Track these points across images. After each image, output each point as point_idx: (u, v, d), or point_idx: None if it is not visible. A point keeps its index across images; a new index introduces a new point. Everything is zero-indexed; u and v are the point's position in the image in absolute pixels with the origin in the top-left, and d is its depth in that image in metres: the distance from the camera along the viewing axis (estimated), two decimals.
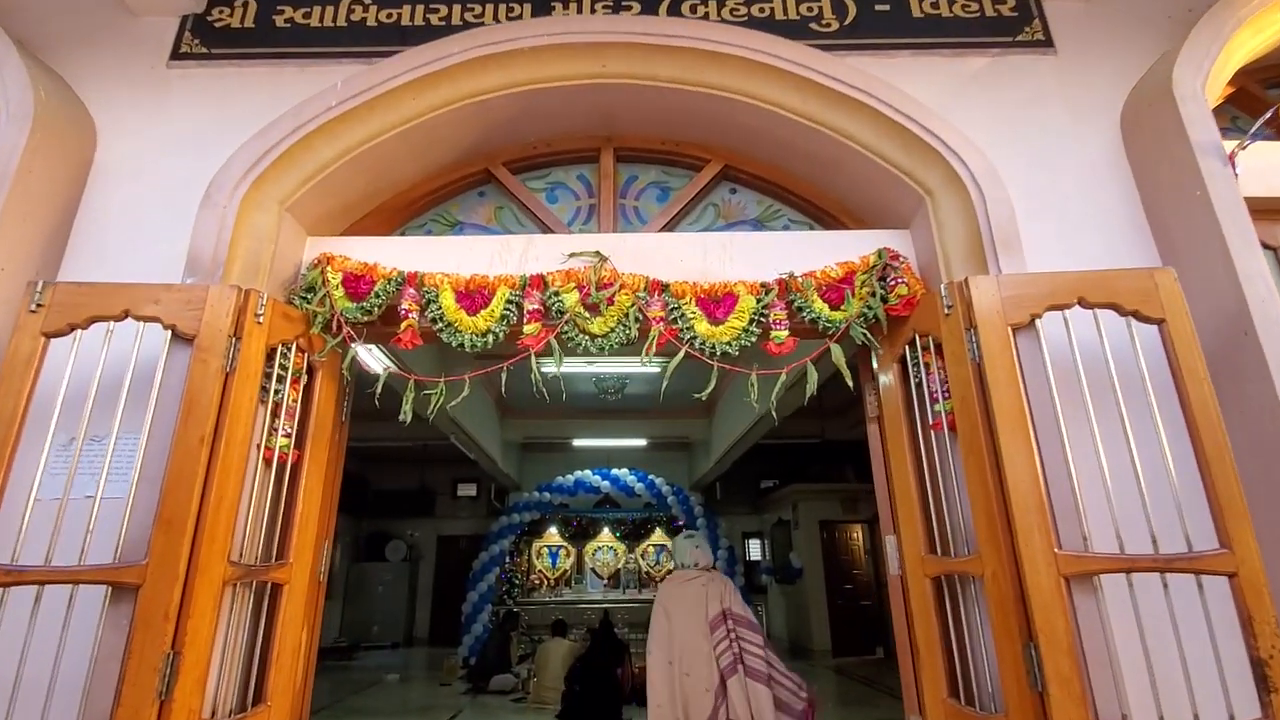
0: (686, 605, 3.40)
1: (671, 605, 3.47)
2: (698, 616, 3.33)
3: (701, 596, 3.40)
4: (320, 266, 2.47)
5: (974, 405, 2.07)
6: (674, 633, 3.37)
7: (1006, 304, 2.13)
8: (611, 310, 2.42)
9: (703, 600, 3.38)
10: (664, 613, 3.48)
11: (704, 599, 3.38)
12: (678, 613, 3.41)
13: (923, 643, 2.18)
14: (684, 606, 3.41)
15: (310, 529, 2.32)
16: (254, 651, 2.13)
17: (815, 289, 2.43)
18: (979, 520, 2.01)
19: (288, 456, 2.29)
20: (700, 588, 3.46)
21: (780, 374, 2.36)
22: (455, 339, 2.40)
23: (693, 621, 3.33)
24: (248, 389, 2.17)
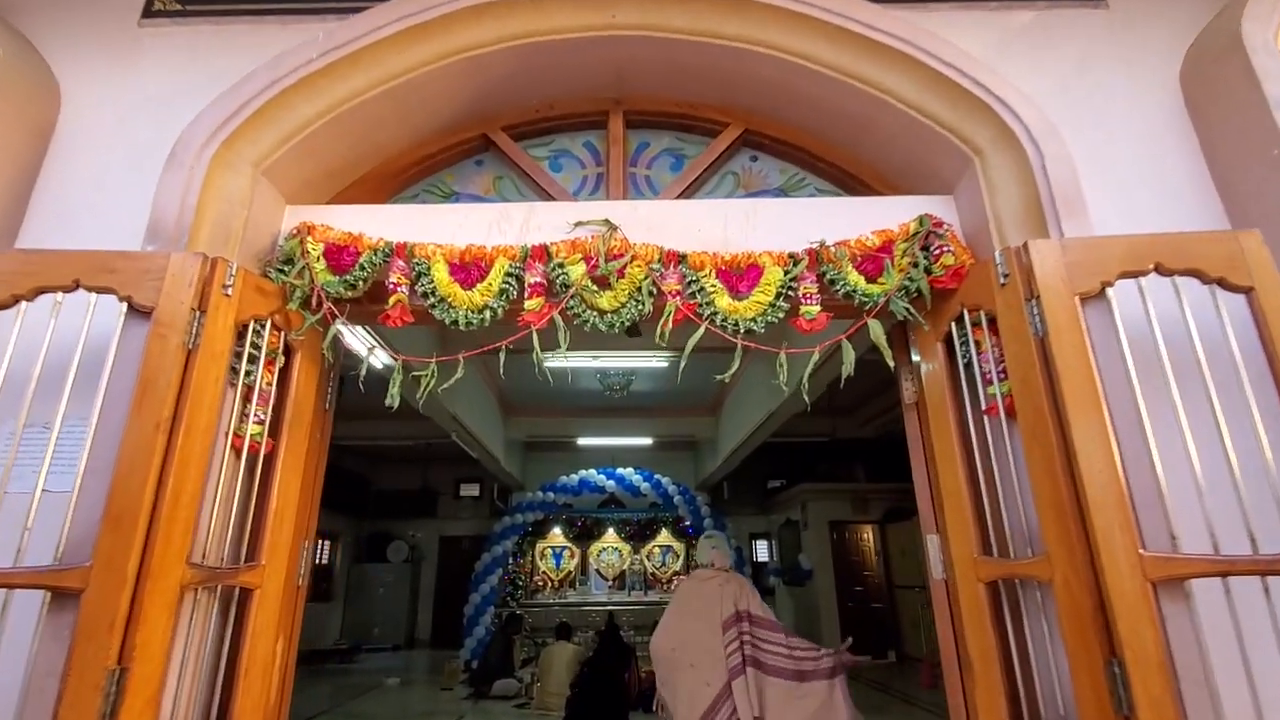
0: (701, 603, 3.42)
1: (686, 601, 3.53)
2: (711, 615, 3.32)
3: (717, 596, 3.39)
4: (299, 236, 2.23)
5: (1038, 386, 1.81)
6: (685, 626, 3.40)
7: (1073, 270, 1.87)
8: (622, 284, 2.17)
9: (717, 600, 3.37)
10: (677, 607, 3.55)
11: (719, 599, 3.37)
12: (691, 608, 3.44)
13: (977, 657, 1.92)
14: (698, 603, 3.43)
15: (286, 527, 2.07)
16: (218, 666, 1.88)
17: (849, 259, 2.18)
18: (1046, 517, 1.75)
19: (260, 446, 2.04)
20: (716, 588, 3.46)
21: (812, 353, 2.09)
22: (449, 316, 2.15)
23: (705, 620, 3.32)
24: (213, 369, 1.92)
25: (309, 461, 2.24)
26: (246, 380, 2.05)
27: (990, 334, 2.01)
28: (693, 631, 3.33)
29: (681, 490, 11.75)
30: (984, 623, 1.91)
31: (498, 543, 11.42)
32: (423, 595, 14.23)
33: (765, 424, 8.17)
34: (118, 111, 2.47)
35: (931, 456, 2.23)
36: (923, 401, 2.29)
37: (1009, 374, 1.92)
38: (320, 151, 2.38)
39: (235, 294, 2.01)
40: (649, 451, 13.54)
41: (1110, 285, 1.86)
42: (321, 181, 2.48)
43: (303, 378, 2.20)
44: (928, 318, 2.16)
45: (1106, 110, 2.42)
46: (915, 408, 2.39)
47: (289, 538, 2.08)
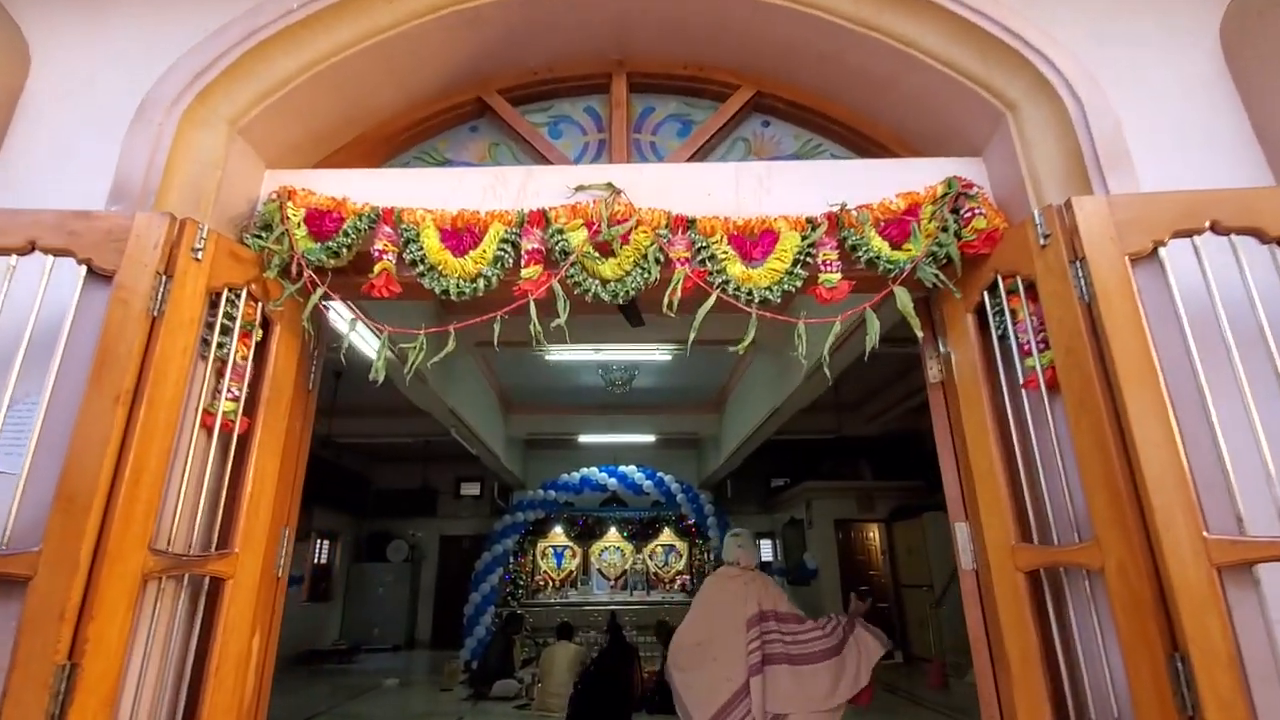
0: (726, 600, 3.47)
1: (712, 597, 3.58)
2: (736, 613, 3.37)
3: (741, 595, 3.42)
4: (279, 201, 2.07)
5: (1085, 354, 1.65)
6: (710, 622, 3.47)
7: (1122, 229, 1.71)
8: (626, 251, 2.00)
9: (742, 599, 3.40)
10: (703, 602, 3.61)
11: (743, 598, 3.40)
12: (717, 605, 3.50)
13: (1016, 654, 1.75)
14: (723, 599, 3.49)
15: (263, 513, 1.91)
16: (186, 664, 1.72)
17: (872, 224, 2.01)
18: (1096, 498, 1.59)
19: (234, 425, 1.88)
20: (741, 586, 3.49)
21: (834, 323, 1.93)
22: (439, 285, 1.99)
23: (730, 617, 3.37)
24: (181, 339, 1.76)
25: (289, 443, 2.08)
26: (219, 353, 1.89)
27: (1028, 301, 1.84)
28: (717, 628, 3.38)
29: (685, 488, 11.58)
30: (1024, 616, 1.74)
31: (498, 542, 11.26)
32: (423, 595, 14.08)
33: (770, 420, 7.99)
34: (88, 71, 2.30)
35: (961, 438, 2.06)
36: (950, 379, 2.12)
37: (1051, 344, 1.75)
38: (303, 111, 2.22)
39: (206, 259, 1.85)
40: (652, 449, 13.36)
41: (1163, 245, 1.69)
42: (305, 146, 2.32)
43: (282, 352, 2.04)
44: (958, 287, 1.99)
45: (1144, 66, 2.24)
46: (941, 387, 2.22)
47: (266, 524, 1.92)
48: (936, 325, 2.21)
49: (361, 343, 4.90)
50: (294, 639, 11.32)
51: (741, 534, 3.87)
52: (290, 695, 8.75)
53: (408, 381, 4.74)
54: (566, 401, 10.84)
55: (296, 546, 9.91)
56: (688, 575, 13.59)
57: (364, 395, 9.49)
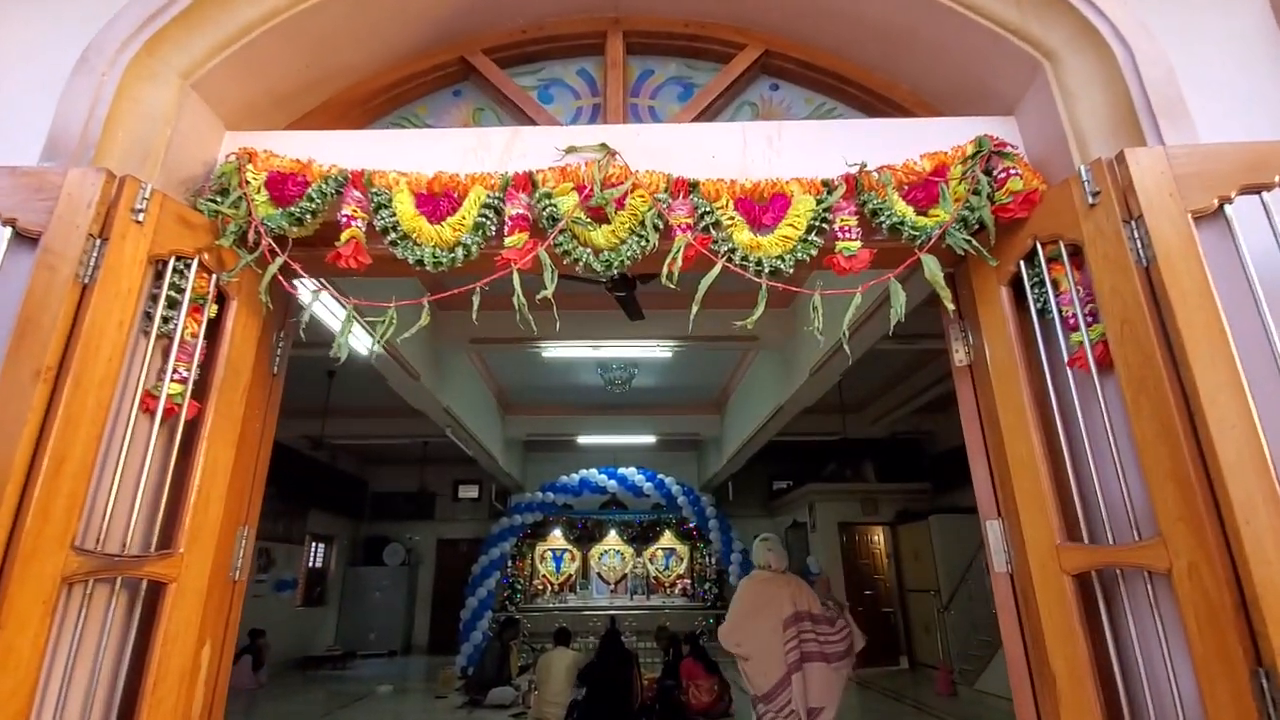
0: (763, 602, 3.69)
1: (749, 600, 3.79)
2: (772, 615, 3.59)
3: (777, 598, 3.65)
4: (238, 164, 1.87)
5: (1145, 325, 1.44)
6: (748, 624, 3.70)
7: (1182, 184, 1.50)
8: (622, 217, 1.80)
9: (778, 601, 3.63)
10: (741, 605, 3.81)
11: (779, 600, 3.63)
12: (755, 608, 3.71)
13: (1063, 668, 1.54)
14: (760, 602, 3.70)
15: (213, 509, 1.70)
16: (118, 678, 1.51)
17: (895, 186, 1.81)
18: (1160, 489, 1.38)
19: (181, 409, 1.68)
20: (775, 590, 3.73)
21: (854, 294, 1.72)
22: (413, 254, 1.78)
23: (767, 619, 3.60)
24: (117, 310, 1.56)
25: (248, 432, 1.87)
26: (165, 329, 1.68)
27: (1073, 269, 1.64)
28: (754, 630, 3.64)
29: (685, 490, 11.36)
30: (1071, 625, 1.53)
31: (495, 545, 11.04)
32: (420, 600, 13.85)
33: (774, 419, 7.78)
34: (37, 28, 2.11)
35: (993, 426, 1.85)
36: (981, 361, 1.91)
37: (1103, 315, 1.54)
38: (266, 67, 2.02)
39: (149, 222, 1.65)
40: (652, 451, 13.15)
41: (1229, 202, 1.49)
42: (269, 107, 2.12)
43: (239, 331, 1.84)
44: (992, 256, 1.79)
45: (1190, 18, 2.04)
46: (969, 371, 2.02)
47: (217, 522, 1.71)
48: (964, 303, 2.01)
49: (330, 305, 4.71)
50: (288, 644, 11.10)
51: (770, 538, 4.09)
52: (282, 702, 8.54)
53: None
54: (565, 401, 10.64)
55: (291, 550, 9.67)
56: (688, 579, 13.37)
57: (358, 396, 9.35)
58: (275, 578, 10.83)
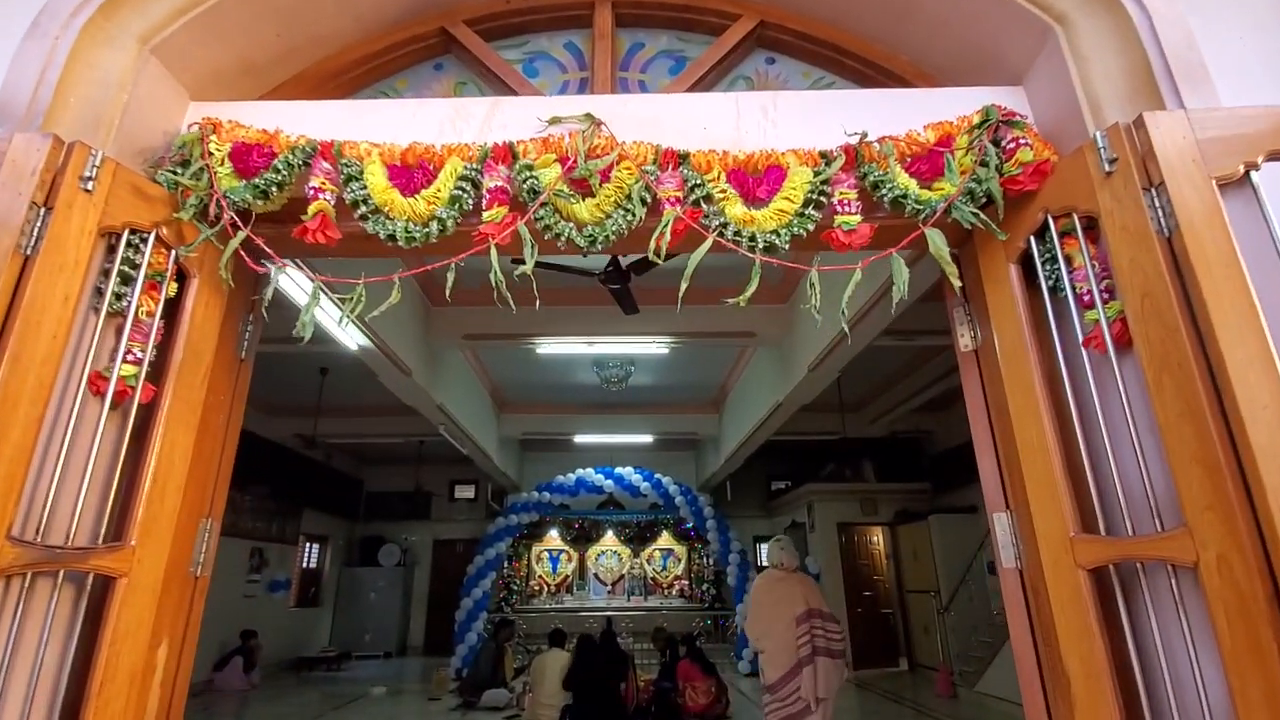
0: (776, 598, 4.01)
1: (765, 596, 4.10)
2: (786, 611, 3.89)
3: (790, 595, 3.96)
4: (202, 134, 1.76)
5: (1168, 300, 1.34)
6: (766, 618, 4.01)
7: (1205, 149, 1.40)
8: (607, 190, 1.69)
9: (791, 599, 3.94)
10: (758, 601, 4.14)
11: (792, 598, 3.93)
12: (770, 603, 4.02)
13: (1078, 668, 1.43)
14: (773, 599, 4.02)
15: (169, 499, 1.59)
16: (60, 679, 1.40)
17: (898, 158, 1.70)
18: (1186, 476, 1.28)
19: (135, 392, 1.57)
20: (788, 587, 4.04)
21: (854, 270, 1.61)
22: (384, 229, 1.68)
23: (781, 615, 3.90)
24: (62, 284, 1.45)
25: (211, 419, 1.76)
26: (118, 306, 1.57)
27: (1088, 243, 1.53)
28: (770, 623, 3.96)
29: (683, 490, 11.24)
30: (1087, 622, 1.42)
31: (491, 545, 10.91)
32: (415, 600, 13.72)
33: (772, 416, 7.67)
34: None
35: (1001, 412, 1.75)
36: (988, 345, 1.81)
37: (1121, 290, 1.44)
38: (233, 34, 1.91)
39: (101, 191, 1.54)
40: (649, 451, 13.04)
41: (1255, 168, 1.39)
42: (238, 77, 2.01)
43: (201, 311, 1.73)
44: (1001, 230, 1.68)
45: None
46: (974, 356, 1.91)
47: (174, 513, 1.60)
48: (970, 285, 1.90)
49: (327, 319, 4.59)
50: (281, 646, 10.97)
51: (783, 539, 4.45)
52: (274, 704, 8.41)
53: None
54: (561, 400, 10.53)
55: (284, 551, 9.52)
56: (686, 580, 13.26)
57: (352, 394, 9.24)
58: (268, 578, 10.70)
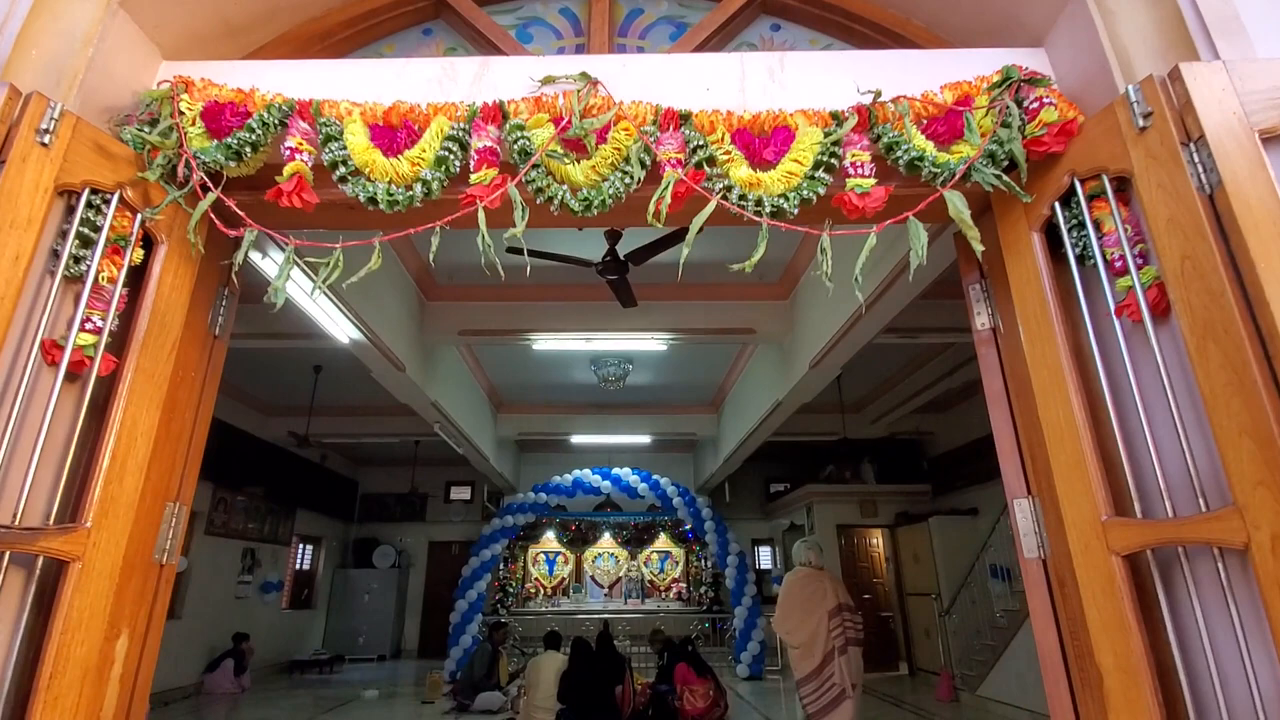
0: (809, 594, 4.32)
1: (797, 593, 4.39)
2: (819, 607, 4.22)
3: (821, 591, 4.30)
4: (173, 92, 1.65)
5: (1211, 260, 1.23)
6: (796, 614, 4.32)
7: (1247, 101, 1.30)
8: (604, 151, 1.59)
9: (823, 595, 4.27)
10: (789, 597, 4.41)
11: (824, 594, 4.27)
12: (802, 600, 4.32)
13: (1112, 663, 1.32)
14: (807, 594, 4.33)
15: (130, 479, 1.48)
16: (5, 670, 1.28)
17: (914, 119, 1.60)
18: (1234, 451, 1.17)
19: (93, 363, 1.46)
20: (819, 584, 4.36)
21: (869, 234, 1.50)
22: (365, 191, 1.57)
23: (814, 610, 4.22)
24: (13, 243, 1.34)
25: (180, 396, 1.65)
26: (75, 270, 1.46)
27: (1119, 205, 1.43)
28: (804, 617, 4.26)
29: (681, 491, 11.12)
30: (1122, 613, 1.31)
31: (486, 546, 10.77)
32: (410, 603, 13.56)
33: (772, 415, 7.56)
34: None
35: (1023, 392, 1.64)
36: (1009, 322, 1.70)
37: (1157, 253, 1.33)
38: None
39: (59, 146, 1.43)
40: (647, 453, 12.92)
41: None
42: (217, 38, 1.90)
43: (169, 280, 1.62)
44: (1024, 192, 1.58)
45: None
46: (993, 335, 1.81)
47: (135, 494, 1.48)
48: (988, 259, 1.79)
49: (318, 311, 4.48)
50: (274, 648, 10.82)
51: (810, 540, 4.86)
52: (264, 707, 8.26)
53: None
54: (558, 400, 10.41)
55: (277, 551, 9.39)
56: (684, 583, 13.12)
57: (346, 392, 9.12)
58: (260, 579, 10.55)
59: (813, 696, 4.15)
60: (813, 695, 4.15)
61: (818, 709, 4.14)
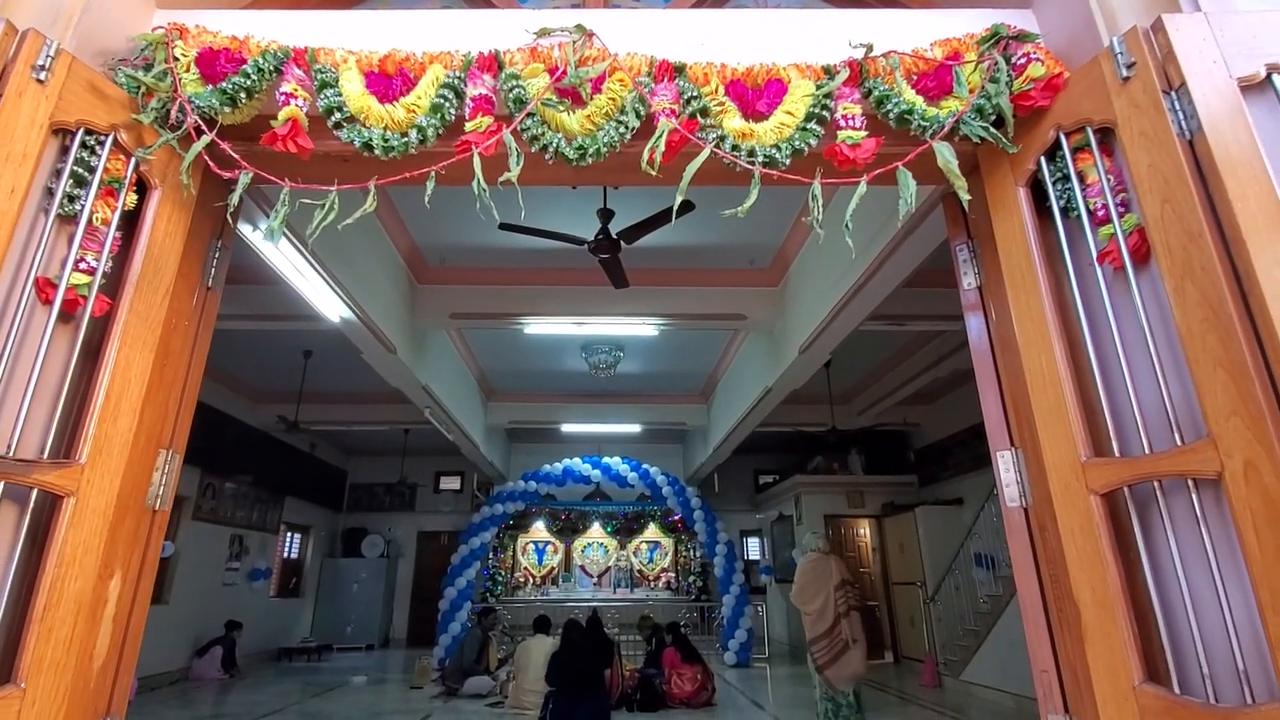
0: (819, 573, 5.40)
1: (811, 573, 5.45)
2: (828, 583, 5.31)
3: (828, 570, 5.38)
4: (168, 38, 1.65)
5: (1190, 202, 1.27)
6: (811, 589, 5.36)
7: (1227, 51, 1.34)
8: (599, 101, 1.61)
9: (830, 573, 5.36)
10: (804, 576, 5.47)
11: (830, 572, 5.37)
12: (814, 578, 5.39)
13: (1088, 599, 1.36)
14: (818, 573, 5.41)
15: (124, 421, 1.48)
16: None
17: (904, 74, 1.63)
18: (1209, 384, 1.20)
19: (87, 303, 1.46)
20: (827, 565, 5.43)
21: (858, 184, 1.53)
22: (360, 137, 1.58)
23: (824, 585, 5.31)
24: (9, 176, 1.34)
25: (173, 343, 1.65)
26: (69, 210, 1.46)
27: (1103, 156, 1.46)
28: (817, 590, 5.33)
29: (671, 481, 11.15)
30: (1099, 549, 1.35)
31: (476, 534, 10.76)
32: (399, 593, 13.55)
33: (762, 401, 7.61)
34: None
35: (1006, 347, 1.68)
36: (994, 278, 1.74)
37: (1139, 198, 1.37)
38: None
39: (55, 84, 1.43)
40: (637, 443, 12.95)
41: (1278, 71, 1.32)
42: None
43: (162, 225, 1.62)
44: (1008, 153, 1.61)
45: None
46: (979, 292, 1.84)
47: (128, 436, 1.49)
48: (975, 216, 1.83)
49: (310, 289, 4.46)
50: (262, 635, 10.78)
51: (817, 530, 6.29)
52: (252, 692, 8.24)
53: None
54: (549, 388, 10.42)
55: (265, 539, 9.35)
56: (672, 573, 13.17)
57: (336, 379, 9.08)
58: (249, 566, 10.50)
59: (823, 650, 5.20)
60: (824, 649, 5.21)
61: (826, 660, 5.20)
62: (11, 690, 1.25)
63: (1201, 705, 1.18)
